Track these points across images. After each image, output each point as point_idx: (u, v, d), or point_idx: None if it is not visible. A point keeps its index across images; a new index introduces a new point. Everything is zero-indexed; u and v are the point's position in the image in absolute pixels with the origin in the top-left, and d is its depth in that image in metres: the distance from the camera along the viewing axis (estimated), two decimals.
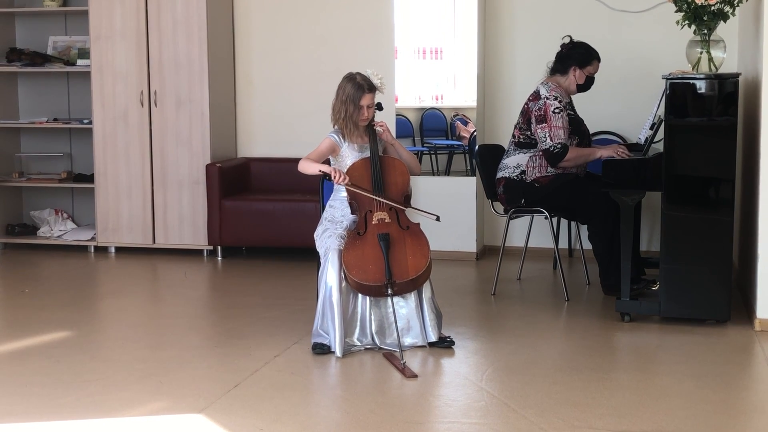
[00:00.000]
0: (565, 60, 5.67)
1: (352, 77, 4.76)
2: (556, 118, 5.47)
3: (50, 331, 5.04)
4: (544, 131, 5.48)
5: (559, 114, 5.48)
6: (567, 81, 5.66)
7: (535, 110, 5.54)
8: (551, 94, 5.53)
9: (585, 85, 5.69)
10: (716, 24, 4.94)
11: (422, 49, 7.04)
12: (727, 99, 4.88)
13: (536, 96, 5.59)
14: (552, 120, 5.46)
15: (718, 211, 4.92)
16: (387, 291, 4.50)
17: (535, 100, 5.58)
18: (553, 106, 5.49)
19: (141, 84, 7.05)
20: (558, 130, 5.46)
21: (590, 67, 5.66)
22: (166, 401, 3.95)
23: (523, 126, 5.64)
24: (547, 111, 5.48)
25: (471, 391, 4.07)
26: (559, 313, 5.41)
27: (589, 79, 5.69)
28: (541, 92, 5.58)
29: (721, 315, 4.97)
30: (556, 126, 5.46)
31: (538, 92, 5.60)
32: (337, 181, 4.60)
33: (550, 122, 5.47)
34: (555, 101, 5.50)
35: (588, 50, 5.67)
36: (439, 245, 6.06)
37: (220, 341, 4.92)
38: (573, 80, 5.65)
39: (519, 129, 5.67)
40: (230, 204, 6.89)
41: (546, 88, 5.58)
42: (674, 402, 3.91)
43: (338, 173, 4.60)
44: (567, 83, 5.66)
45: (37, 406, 3.89)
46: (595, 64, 5.67)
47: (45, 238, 7.45)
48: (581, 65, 5.64)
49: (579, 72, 5.64)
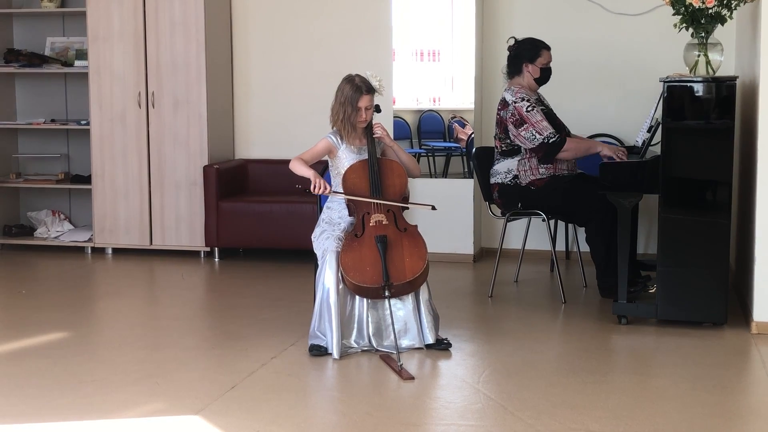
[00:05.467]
0: (516, 60, 5.70)
1: (350, 79, 4.76)
2: (533, 114, 5.48)
3: (47, 332, 5.03)
4: (529, 131, 5.48)
5: (533, 110, 5.49)
6: (525, 79, 5.68)
7: (509, 117, 5.55)
8: (517, 97, 5.55)
9: (543, 78, 5.69)
10: (714, 27, 4.95)
11: (420, 52, 7.04)
12: (725, 102, 4.88)
13: (504, 104, 5.60)
14: (530, 118, 5.48)
15: (715, 214, 4.92)
16: (384, 293, 4.50)
17: (504, 108, 5.59)
18: (525, 106, 5.50)
19: (138, 85, 7.05)
20: (541, 123, 5.47)
21: (541, 59, 5.67)
22: (163, 403, 3.95)
23: (501, 136, 5.64)
24: (521, 113, 5.49)
25: (468, 394, 4.07)
26: (556, 316, 5.41)
27: (545, 70, 5.69)
28: (507, 99, 5.59)
29: (717, 318, 4.98)
30: (537, 121, 5.47)
31: (504, 100, 5.61)
32: (315, 191, 4.58)
33: (529, 121, 5.48)
34: (524, 102, 5.52)
35: (533, 43, 5.68)
36: (436, 247, 6.07)
37: (217, 343, 4.92)
38: (529, 76, 5.67)
39: (499, 139, 5.67)
40: (227, 205, 6.89)
41: (510, 93, 5.60)
42: (671, 405, 3.91)
43: (317, 182, 4.58)
44: (526, 81, 5.68)
45: (33, 407, 3.89)
46: (545, 54, 5.67)
47: (42, 239, 7.44)
48: (531, 60, 5.65)
49: (532, 67, 5.66)
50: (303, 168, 4.66)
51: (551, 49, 5.71)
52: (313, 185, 4.58)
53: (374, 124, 4.81)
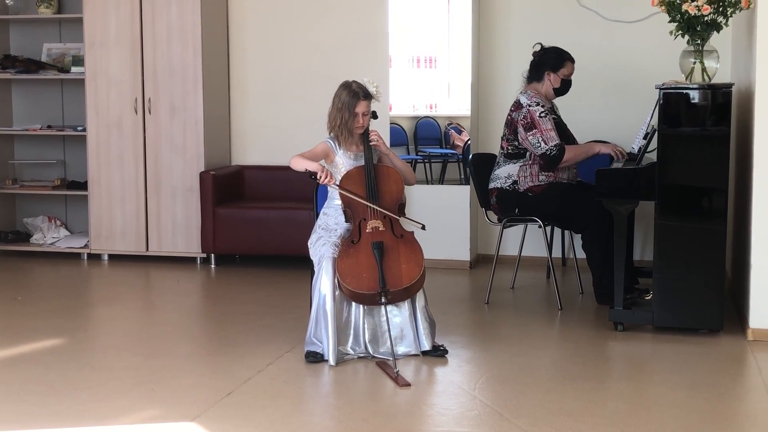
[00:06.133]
0: (539, 66, 5.70)
1: (347, 85, 4.77)
2: (544, 121, 5.49)
3: (43, 338, 5.02)
4: (536, 137, 5.50)
5: (546, 117, 5.51)
6: (544, 87, 5.69)
7: (521, 119, 5.56)
8: (533, 101, 5.56)
9: (562, 88, 5.72)
10: (709, 34, 4.96)
11: (416, 58, 7.05)
12: (720, 109, 4.89)
13: (518, 105, 5.61)
14: (541, 124, 5.49)
15: (711, 221, 4.93)
16: (381, 299, 4.49)
17: (518, 110, 5.60)
18: (539, 111, 5.51)
19: (135, 91, 7.05)
20: (549, 132, 5.48)
21: (564, 70, 5.68)
22: (159, 409, 3.94)
23: (510, 137, 5.65)
24: (533, 117, 5.51)
25: (464, 400, 4.07)
26: (553, 322, 5.41)
27: (566, 82, 5.71)
28: (522, 101, 5.60)
29: (714, 324, 4.98)
30: (547, 129, 5.48)
31: (519, 102, 5.63)
32: (321, 181, 4.59)
33: (539, 127, 5.49)
34: (538, 107, 5.53)
35: (559, 53, 5.70)
36: (432, 254, 6.06)
37: (213, 349, 4.92)
38: (549, 85, 5.68)
39: (507, 140, 5.68)
40: (224, 212, 6.88)
41: (526, 96, 5.61)
42: (667, 411, 3.91)
43: (325, 172, 4.58)
44: (544, 89, 5.69)
45: (29, 414, 3.88)
46: (568, 66, 5.69)
47: (38, 245, 7.44)
48: (554, 69, 5.67)
49: (553, 76, 5.67)
50: (305, 162, 4.63)
51: (575, 62, 5.73)
52: (320, 175, 4.57)
53: (370, 131, 4.82)
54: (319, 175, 4.57)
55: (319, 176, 4.57)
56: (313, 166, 4.60)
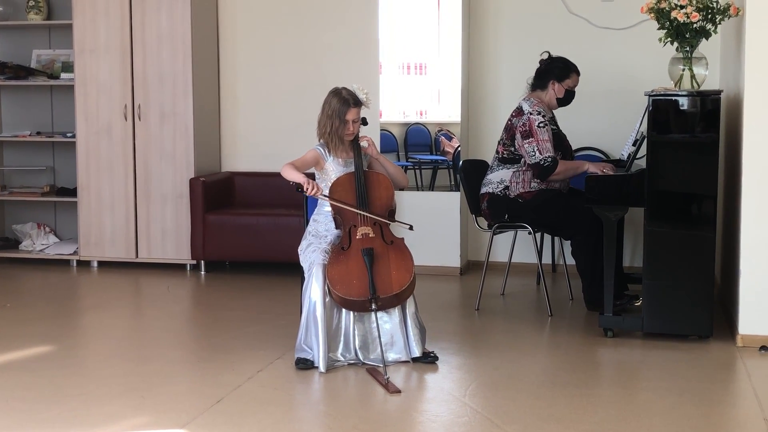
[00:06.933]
0: (544, 75, 5.72)
1: (337, 92, 4.77)
2: (542, 131, 5.50)
3: (32, 345, 5.00)
4: (532, 145, 5.50)
5: (544, 128, 5.51)
6: (547, 96, 5.70)
7: (520, 126, 5.57)
8: (534, 109, 5.57)
9: (565, 99, 5.73)
10: (698, 41, 4.98)
11: (407, 65, 7.06)
12: (709, 116, 4.91)
13: (519, 112, 5.62)
14: (538, 134, 5.50)
15: (700, 227, 4.94)
16: (371, 306, 4.49)
17: (518, 116, 5.61)
18: (538, 120, 5.52)
19: (125, 97, 7.04)
20: (545, 143, 5.49)
21: (569, 81, 5.70)
22: (149, 416, 3.93)
23: (507, 142, 5.66)
24: (532, 126, 5.51)
25: (454, 407, 4.07)
26: (543, 329, 5.42)
27: (569, 93, 5.72)
28: (524, 108, 5.61)
29: (703, 331, 4.99)
30: (543, 140, 5.49)
31: (521, 108, 5.63)
32: (308, 193, 4.59)
33: (536, 136, 5.49)
34: (539, 116, 5.54)
35: (566, 64, 5.71)
36: (423, 260, 6.07)
37: (203, 356, 4.90)
38: (553, 95, 5.69)
39: (503, 145, 5.69)
40: (214, 218, 6.88)
41: (528, 103, 5.62)
42: (656, 418, 3.92)
43: (311, 184, 4.59)
44: (548, 98, 5.70)
45: (18, 421, 3.86)
46: (574, 78, 5.71)
47: (27, 252, 7.41)
48: (560, 79, 5.68)
49: (558, 86, 5.68)
50: (294, 173, 4.64)
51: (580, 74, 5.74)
52: (306, 187, 4.57)
53: (361, 136, 4.82)
54: (305, 187, 4.57)
55: (306, 188, 4.57)
56: (299, 178, 4.59)
